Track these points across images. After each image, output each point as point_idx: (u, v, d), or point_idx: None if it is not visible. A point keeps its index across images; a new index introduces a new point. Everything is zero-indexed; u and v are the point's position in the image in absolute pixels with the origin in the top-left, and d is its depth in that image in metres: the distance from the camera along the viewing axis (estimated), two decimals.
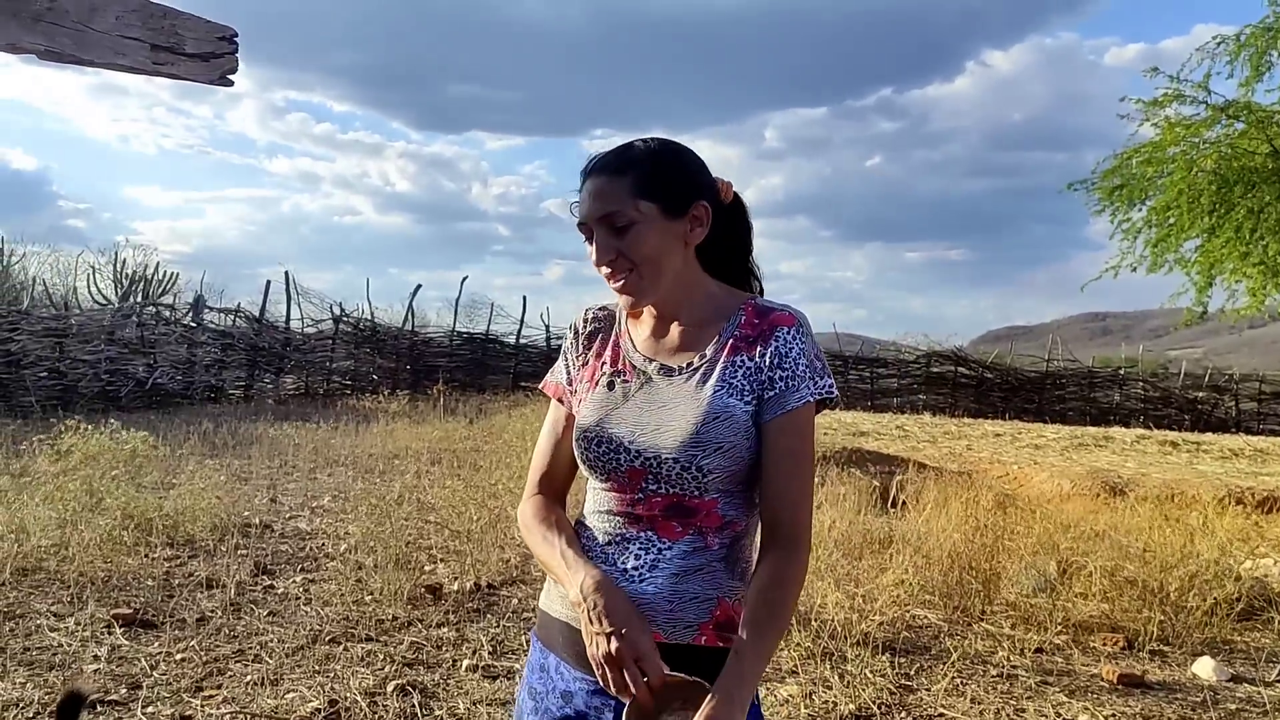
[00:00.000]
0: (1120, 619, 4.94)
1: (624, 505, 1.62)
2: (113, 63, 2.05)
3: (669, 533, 1.59)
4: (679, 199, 1.63)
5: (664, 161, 1.63)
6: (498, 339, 23.59)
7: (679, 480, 1.56)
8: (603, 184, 1.61)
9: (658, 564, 1.58)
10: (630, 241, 1.59)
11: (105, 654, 4.21)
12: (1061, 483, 10.92)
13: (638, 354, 1.69)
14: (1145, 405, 25.53)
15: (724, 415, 1.56)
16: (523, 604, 5.16)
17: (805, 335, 1.61)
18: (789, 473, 1.56)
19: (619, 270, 1.61)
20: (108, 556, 5.54)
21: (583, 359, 1.76)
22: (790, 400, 1.57)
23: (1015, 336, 68.69)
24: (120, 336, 16.25)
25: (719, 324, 1.65)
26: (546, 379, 1.83)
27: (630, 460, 1.59)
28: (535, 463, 1.78)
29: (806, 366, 1.59)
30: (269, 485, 8.57)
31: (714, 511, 1.59)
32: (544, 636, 1.71)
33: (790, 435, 1.57)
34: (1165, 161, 13.99)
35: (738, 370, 1.60)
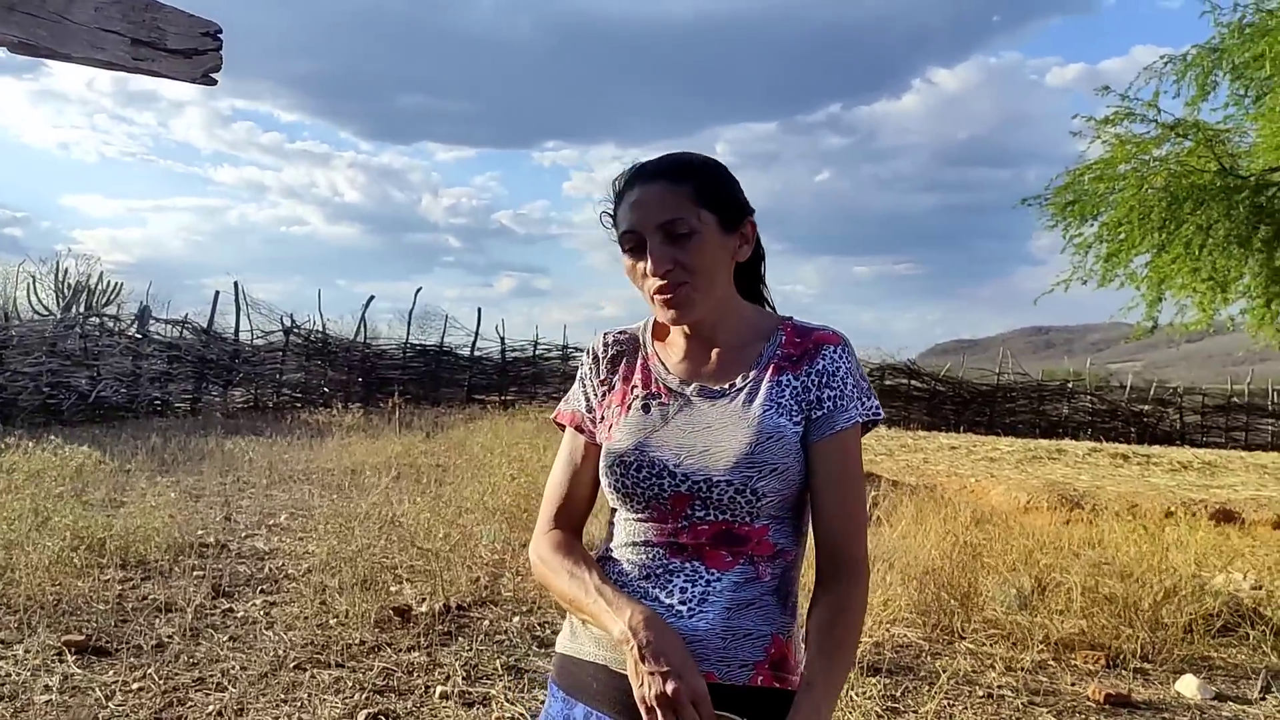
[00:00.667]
0: (1099, 636, 4.92)
1: (664, 535, 1.51)
2: (90, 57, 1.91)
3: (718, 563, 1.48)
4: (734, 213, 1.55)
5: (720, 174, 1.56)
6: (452, 351, 23.33)
7: (731, 505, 1.46)
8: (662, 190, 1.51)
9: (708, 597, 1.46)
10: (690, 251, 1.50)
11: (57, 684, 3.99)
12: (1019, 495, 11.00)
13: (672, 377, 1.59)
14: (1093, 418, 25.94)
15: (776, 435, 1.47)
16: (495, 626, 5.01)
17: (850, 355, 1.55)
18: (844, 497, 1.49)
19: (672, 283, 1.50)
20: (56, 579, 5.29)
21: (607, 384, 1.65)
22: (839, 421, 1.50)
23: (961, 350, 69.58)
24: (62, 348, 15.76)
25: (758, 345, 1.57)
26: (560, 408, 1.71)
27: (675, 485, 1.48)
28: (550, 494, 1.66)
29: (854, 386, 1.52)
30: (223, 502, 8.30)
31: (765, 539, 1.49)
32: (569, 684, 1.58)
33: (841, 457, 1.50)
34: (1116, 178, 14.22)
35: (784, 390, 1.51)
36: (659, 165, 1.55)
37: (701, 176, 1.53)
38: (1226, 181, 13.24)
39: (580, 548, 1.60)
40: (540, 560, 1.60)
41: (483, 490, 7.37)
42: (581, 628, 1.57)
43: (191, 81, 2.10)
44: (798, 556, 1.54)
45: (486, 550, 6.15)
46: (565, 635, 1.62)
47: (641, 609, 1.42)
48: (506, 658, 4.53)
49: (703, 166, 1.54)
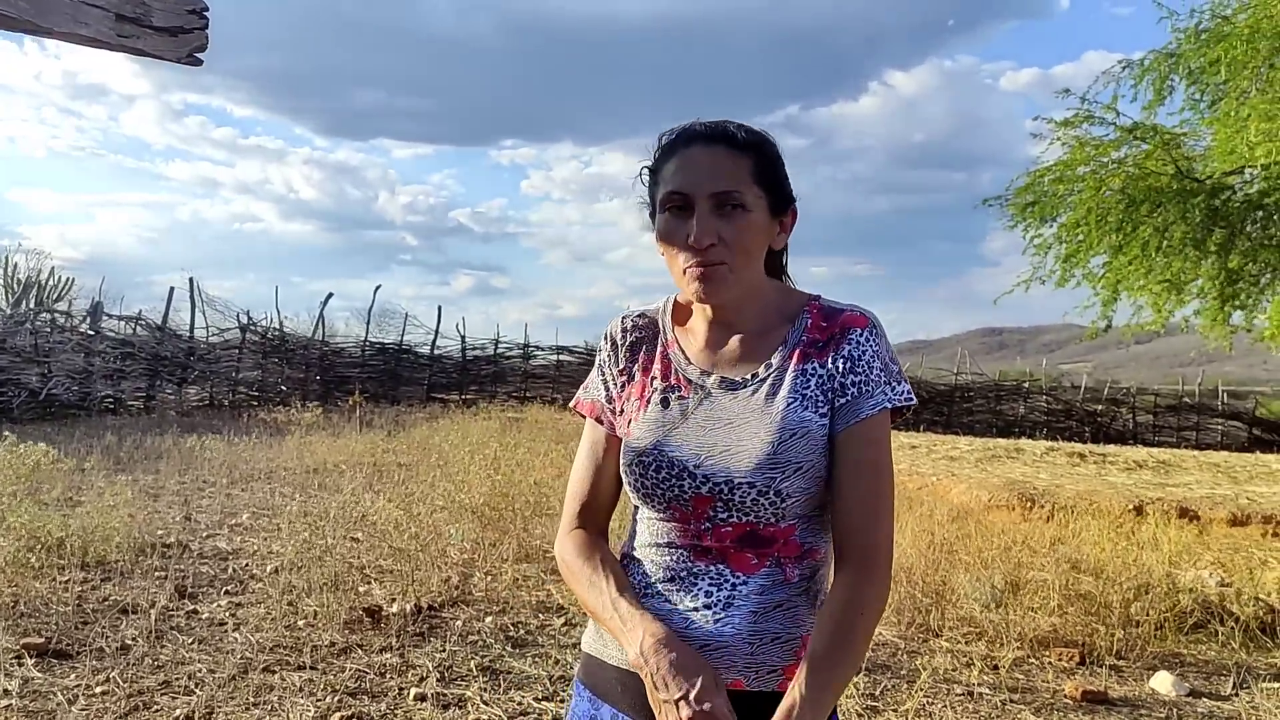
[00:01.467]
0: (1072, 633, 4.94)
1: (688, 536, 1.44)
2: (73, 33, 1.82)
3: (743, 565, 1.41)
4: (783, 198, 1.48)
5: (776, 154, 1.48)
6: (411, 349, 23.10)
7: (754, 507, 1.39)
8: (722, 156, 1.42)
9: (733, 601, 1.40)
10: (738, 228, 1.41)
11: (17, 688, 3.86)
12: (980, 494, 11.08)
13: (692, 366, 1.50)
14: (1048, 418, 26.26)
15: (800, 431, 1.39)
16: (467, 626, 4.93)
17: (879, 337, 1.45)
18: (864, 486, 1.39)
19: (713, 257, 1.40)
20: (13, 580, 5.14)
21: (626, 373, 1.56)
22: (864, 408, 1.40)
23: (918, 350, 70.29)
24: (12, 345, 15.38)
25: (782, 329, 1.48)
26: (579, 396, 1.62)
27: (696, 486, 1.41)
28: (573, 490, 1.58)
29: (881, 370, 1.43)
30: (182, 501, 8.12)
31: (792, 539, 1.42)
32: (595, 685, 1.52)
33: (865, 446, 1.40)
34: (1075, 180, 14.40)
35: (810, 379, 1.43)
36: (725, 129, 1.45)
37: (763, 152, 1.45)
38: (1183, 184, 13.45)
39: (602, 550, 1.53)
40: (563, 564, 1.54)
41: (454, 488, 7.27)
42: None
43: (177, 61, 2.02)
44: (827, 554, 1.47)
45: (456, 550, 6.06)
46: (590, 635, 1.56)
47: (653, 629, 1.36)
48: (480, 658, 4.46)
49: (765, 142, 1.46)
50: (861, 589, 1.36)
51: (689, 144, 1.44)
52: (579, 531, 1.55)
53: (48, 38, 1.82)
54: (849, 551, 1.39)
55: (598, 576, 1.46)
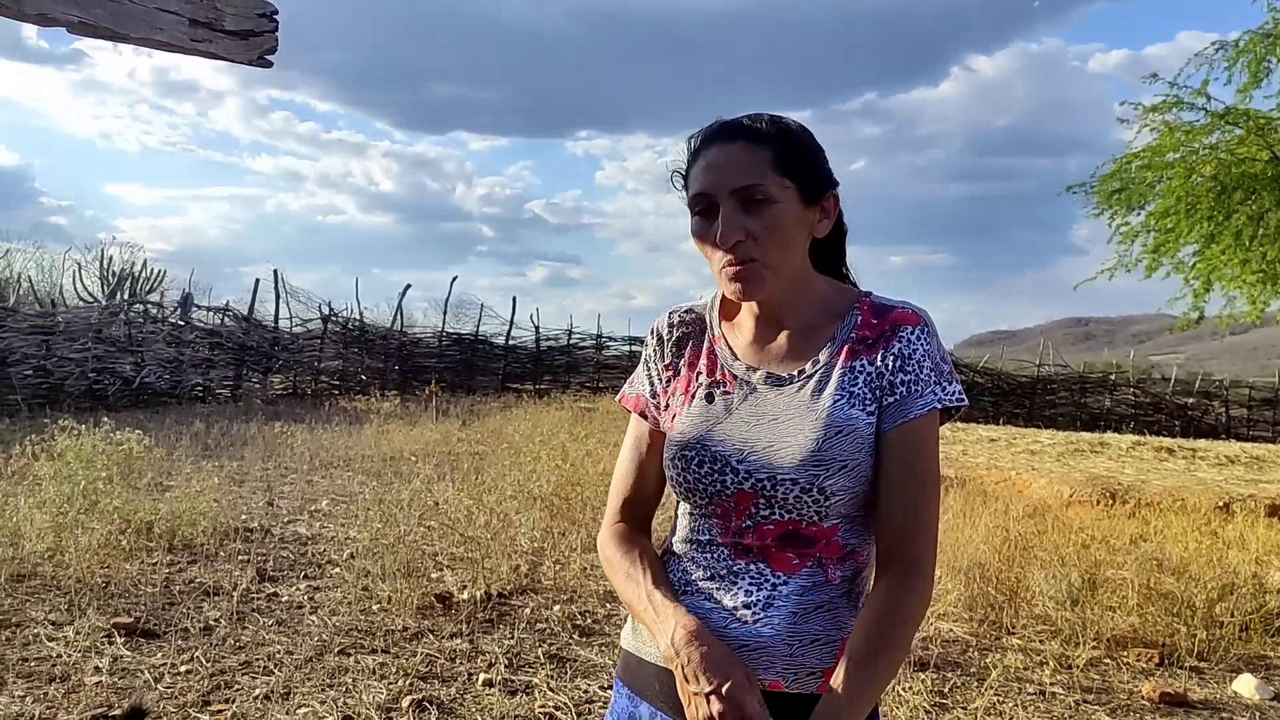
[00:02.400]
0: (1152, 633, 4.82)
1: (729, 534, 1.43)
2: (149, 38, 1.89)
3: (784, 565, 1.40)
4: (816, 183, 1.43)
5: (806, 139, 1.44)
6: (487, 340, 23.37)
7: (797, 504, 1.37)
8: (739, 152, 1.39)
9: (773, 601, 1.39)
10: (765, 222, 1.38)
11: (107, 665, 4.03)
12: (1062, 489, 10.84)
13: (738, 362, 1.49)
14: (1135, 411, 25.55)
15: (846, 428, 1.37)
16: (535, 614, 5.00)
17: (930, 335, 1.42)
18: (909, 489, 1.37)
19: (742, 256, 1.39)
20: (105, 562, 5.36)
21: (671, 368, 1.55)
22: (912, 408, 1.38)
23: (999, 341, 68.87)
24: (107, 334, 15.97)
25: (831, 325, 1.46)
26: (625, 391, 1.62)
27: (739, 482, 1.40)
28: (616, 485, 1.59)
29: (932, 370, 1.40)
30: (265, 488, 8.37)
31: (834, 540, 1.40)
32: (633, 682, 1.53)
33: (912, 447, 1.38)
34: (1164, 167, 13.97)
35: (858, 377, 1.40)
36: (740, 123, 1.43)
37: (786, 140, 1.41)
38: (1278, 171, 12.96)
39: (642, 543, 1.53)
40: (604, 558, 1.55)
41: (523, 478, 7.36)
42: (643, 626, 1.52)
43: (247, 63, 2.08)
44: (870, 556, 1.45)
45: (526, 539, 6.14)
46: (628, 631, 1.57)
47: (687, 621, 1.36)
48: (548, 646, 4.52)
49: (788, 130, 1.43)
50: (903, 595, 1.35)
51: (709, 145, 1.43)
52: (620, 525, 1.55)
53: (125, 43, 1.89)
54: (891, 556, 1.37)
55: (635, 569, 1.47)
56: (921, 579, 1.37)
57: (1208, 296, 14.23)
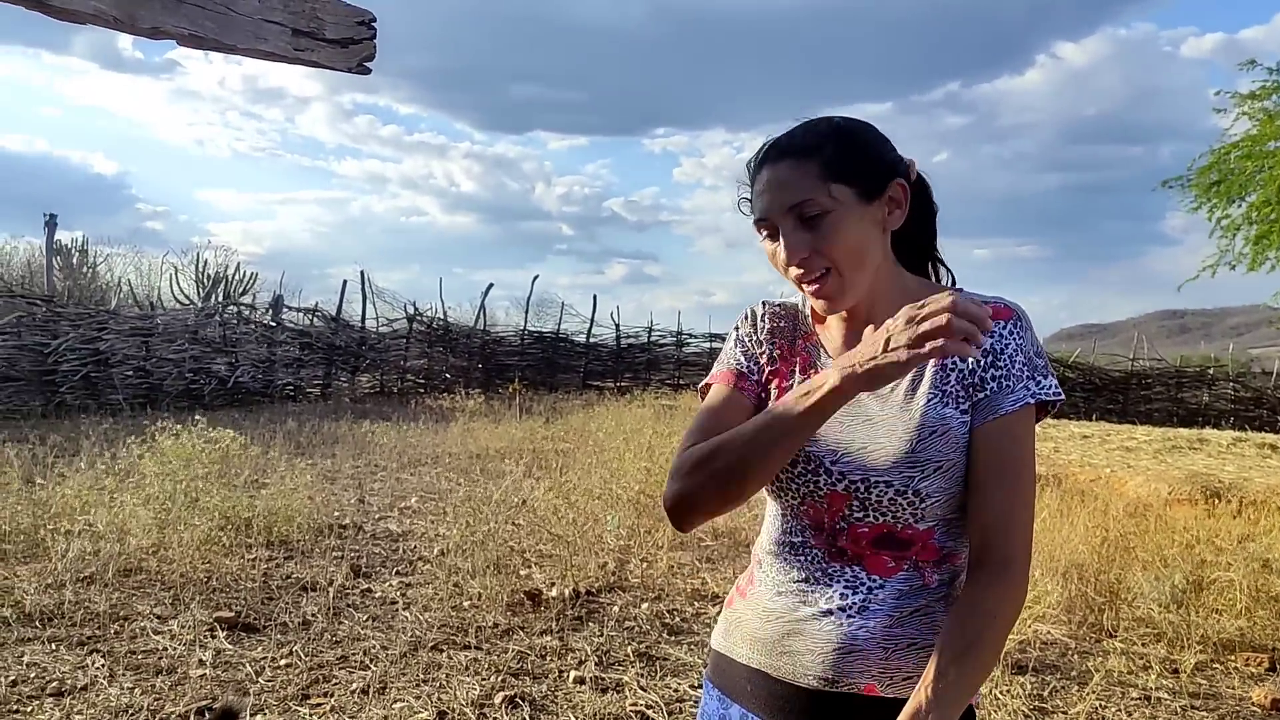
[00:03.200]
0: (1260, 638, 4.64)
1: (823, 536, 1.41)
2: (254, 48, 1.94)
3: (880, 568, 1.38)
4: (875, 178, 1.39)
5: (852, 137, 1.41)
6: (568, 338, 23.53)
7: (892, 507, 1.35)
8: (786, 170, 1.38)
9: (869, 605, 1.37)
10: (826, 234, 1.36)
11: (210, 659, 4.16)
12: (1159, 487, 10.49)
13: (831, 363, 1.45)
14: (1235, 406, 24.62)
15: (940, 428, 1.35)
16: (624, 612, 5.01)
17: (1024, 329, 1.38)
18: (1003, 488, 1.33)
19: (813, 269, 1.38)
20: (206, 557, 5.53)
21: (766, 355, 1.51)
22: (1004, 403, 1.34)
23: (1089, 335, 67.03)
24: (203, 336, 16.50)
25: None
26: (715, 371, 1.55)
27: (832, 484, 1.38)
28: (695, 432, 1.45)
29: (1025, 364, 1.36)
30: (356, 485, 8.56)
31: (930, 543, 1.37)
32: (724, 684, 1.51)
33: (1004, 444, 1.33)
34: (1265, 156, 13.44)
35: (949, 374, 1.37)
36: (784, 142, 1.42)
37: (830, 146, 1.38)
38: None
39: None
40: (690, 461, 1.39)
41: (609, 475, 7.40)
42: (736, 626, 1.50)
43: (347, 71, 2.12)
44: (968, 559, 1.41)
45: (613, 536, 6.16)
46: (719, 632, 1.55)
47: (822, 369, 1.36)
48: (637, 644, 4.53)
49: (831, 134, 1.40)
50: (994, 598, 1.31)
51: (761, 168, 1.42)
52: None
53: (232, 54, 1.94)
54: (983, 556, 1.34)
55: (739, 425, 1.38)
56: (1014, 578, 1.32)
57: None
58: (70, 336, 14.17)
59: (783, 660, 1.42)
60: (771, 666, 1.42)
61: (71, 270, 22.02)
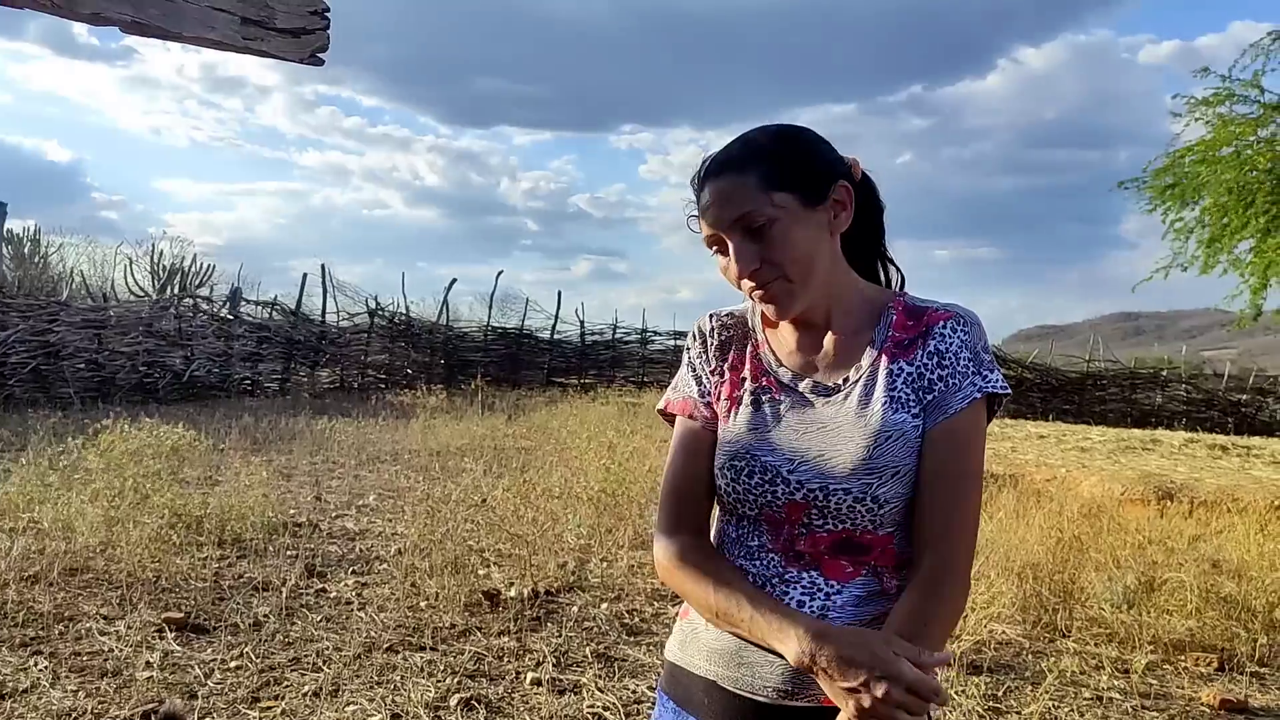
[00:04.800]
0: (1210, 638, 4.70)
1: (781, 542, 1.40)
2: (201, 36, 1.88)
3: (838, 573, 1.37)
4: (816, 183, 1.40)
5: (790, 144, 1.41)
6: (532, 334, 23.44)
7: (851, 514, 1.35)
8: (728, 184, 1.39)
9: (828, 611, 1.36)
10: (774, 243, 1.37)
11: (158, 660, 4.07)
12: (1112, 487, 10.63)
13: (784, 369, 1.46)
14: (1188, 407, 25.04)
15: (896, 434, 1.34)
16: (583, 612, 4.98)
17: (967, 328, 1.39)
18: (946, 488, 1.33)
19: (764, 280, 1.39)
20: (156, 556, 5.41)
21: (718, 372, 1.51)
22: (953, 402, 1.35)
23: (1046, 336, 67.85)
24: (158, 328, 16.24)
25: (870, 329, 1.43)
26: (669, 397, 1.57)
27: (790, 493, 1.37)
28: (671, 490, 1.51)
29: (970, 360, 1.37)
30: (313, 482, 8.44)
31: (889, 548, 1.37)
32: (679, 696, 1.49)
33: (951, 444, 1.35)
34: (1218, 160, 13.66)
35: (897, 379, 1.38)
36: (723, 157, 1.43)
37: (767, 157, 1.39)
38: None
39: (719, 554, 1.46)
40: (674, 572, 1.45)
41: (570, 475, 7.35)
42: (692, 638, 1.48)
43: (299, 61, 2.07)
44: None
45: (573, 536, 6.13)
46: (674, 644, 1.53)
47: (806, 625, 1.29)
48: (596, 645, 4.50)
49: (768, 143, 1.41)
50: (934, 599, 1.32)
51: (703, 186, 1.43)
52: (685, 537, 1.47)
53: (178, 41, 1.88)
54: (925, 560, 1.34)
55: (725, 578, 1.40)
56: (955, 584, 1.34)
57: (1264, 293, 13.91)
58: (20, 328, 13.88)
59: (740, 672, 1.39)
60: (729, 679, 1.40)
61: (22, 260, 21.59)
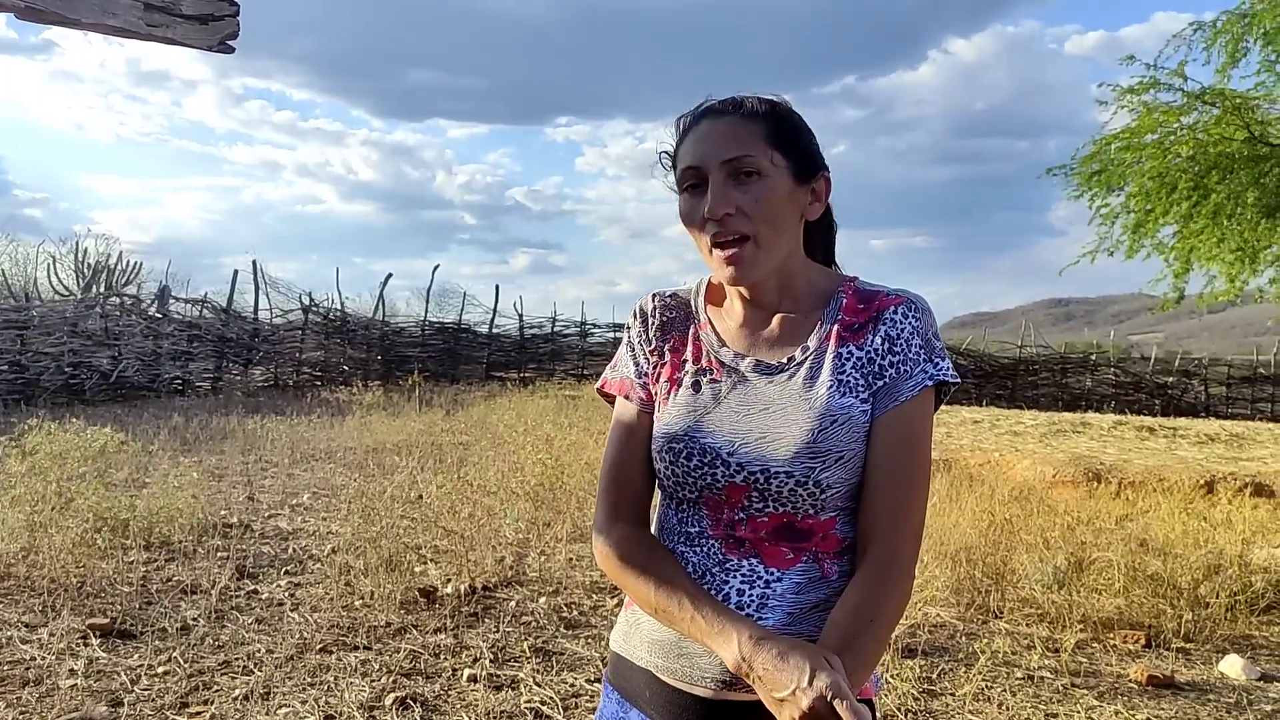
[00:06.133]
0: (1138, 615, 4.81)
1: (720, 527, 1.37)
2: (101, 23, 1.81)
3: (778, 560, 1.34)
4: (809, 163, 1.40)
5: (798, 119, 1.41)
6: (470, 328, 23.26)
7: (791, 498, 1.32)
8: (732, 124, 1.36)
9: (767, 599, 1.33)
10: (758, 195, 1.34)
11: (82, 668, 3.95)
12: (1044, 470, 10.85)
13: (726, 349, 1.43)
14: (1116, 390, 25.67)
15: (842, 418, 1.32)
16: (521, 607, 4.94)
17: (917, 314, 1.37)
18: (896, 482, 1.31)
19: (730, 231, 1.34)
20: (80, 561, 5.26)
21: (657, 352, 1.47)
22: (903, 390, 1.33)
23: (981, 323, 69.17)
24: (83, 328, 15.79)
25: (819, 311, 1.41)
26: (606, 376, 1.54)
27: (730, 475, 1.34)
28: (609, 478, 1.47)
29: (921, 347, 1.35)
30: (245, 482, 8.27)
31: (831, 533, 1.34)
32: (623, 687, 1.47)
33: (902, 434, 1.32)
34: (1142, 148, 13.99)
35: (846, 363, 1.35)
36: (733, 99, 1.40)
37: (777, 117, 1.38)
38: (1255, 150, 13.00)
39: (661, 548, 1.42)
40: (616, 565, 1.41)
41: (509, 469, 7.30)
42: (634, 628, 1.45)
43: (208, 49, 2.00)
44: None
45: (511, 530, 6.08)
46: (619, 634, 1.50)
47: (746, 630, 1.25)
48: (534, 640, 4.47)
49: (779, 107, 1.40)
50: (878, 593, 1.29)
51: (699, 120, 1.40)
52: (625, 527, 1.44)
53: (76, 29, 1.81)
54: (871, 550, 1.32)
55: (669, 577, 1.36)
56: (901, 578, 1.31)
57: (1187, 277, 14.29)
58: None
59: (680, 663, 1.37)
60: (669, 670, 1.38)
61: None
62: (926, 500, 1.37)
